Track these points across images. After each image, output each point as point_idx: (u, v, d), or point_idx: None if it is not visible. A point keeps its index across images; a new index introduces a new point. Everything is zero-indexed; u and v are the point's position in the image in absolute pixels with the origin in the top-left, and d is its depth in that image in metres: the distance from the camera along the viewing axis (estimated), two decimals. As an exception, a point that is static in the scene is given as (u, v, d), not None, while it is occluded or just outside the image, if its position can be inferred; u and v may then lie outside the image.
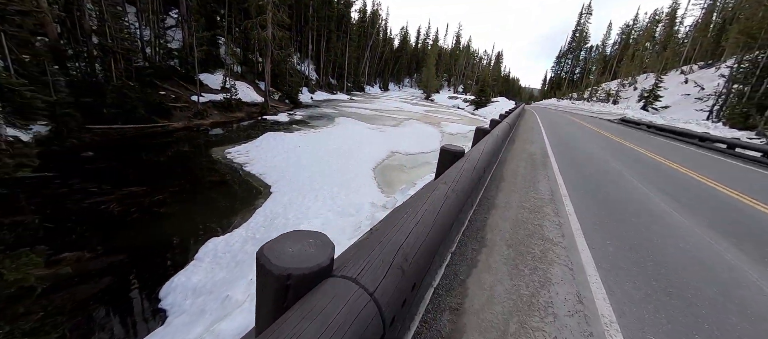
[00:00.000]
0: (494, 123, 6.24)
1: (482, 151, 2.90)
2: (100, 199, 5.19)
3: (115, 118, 9.23)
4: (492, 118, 6.06)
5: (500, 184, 4.03)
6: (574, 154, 6.99)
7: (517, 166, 5.28)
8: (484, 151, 2.98)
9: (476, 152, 2.82)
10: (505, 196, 3.57)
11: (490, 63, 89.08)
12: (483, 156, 2.88)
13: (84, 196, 5.23)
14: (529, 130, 11.19)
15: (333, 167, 9.39)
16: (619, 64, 43.54)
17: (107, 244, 4.13)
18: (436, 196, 1.59)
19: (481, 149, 2.97)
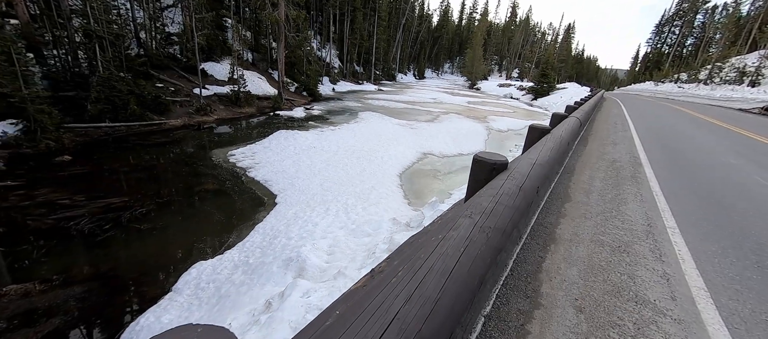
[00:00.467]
0: (557, 118, 5.55)
1: (535, 161, 2.42)
2: (70, 213, 5.45)
3: (102, 115, 10.01)
4: (555, 111, 5.41)
5: (564, 206, 3.44)
6: (686, 161, 5.90)
7: (590, 178, 4.60)
8: (540, 161, 2.49)
9: (526, 163, 2.34)
10: (572, 225, 3.00)
11: (556, 39, 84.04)
12: (537, 168, 2.40)
13: (50, 210, 5.52)
14: (610, 125, 10.05)
15: (351, 172, 9.22)
16: (765, 27, 35.82)
17: (67, 272, 4.19)
18: (452, 245, 1.20)
19: (533, 158, 2.49)
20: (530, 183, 2.20)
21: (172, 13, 19.17)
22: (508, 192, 1.84)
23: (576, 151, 6.24)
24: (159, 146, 9.85)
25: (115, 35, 11.50)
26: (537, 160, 2.57)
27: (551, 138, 3.55)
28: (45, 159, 7.55)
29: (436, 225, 2.88)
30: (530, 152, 2.87)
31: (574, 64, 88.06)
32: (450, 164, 11.56)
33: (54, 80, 9.95)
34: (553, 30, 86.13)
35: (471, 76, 57.78)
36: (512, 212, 1.74)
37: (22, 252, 4.55)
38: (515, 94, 43.60)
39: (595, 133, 8.35)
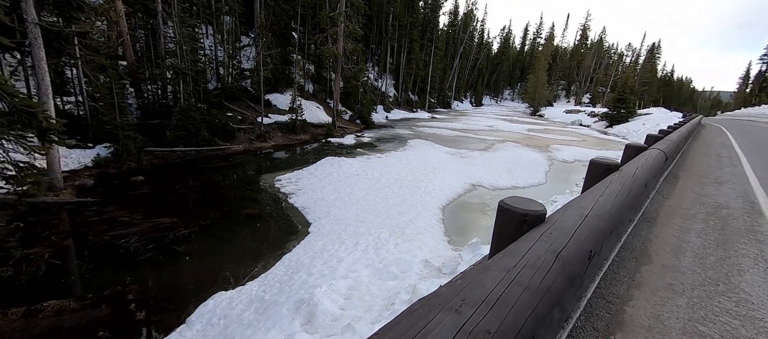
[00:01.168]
0: (632, 151, 4.51)
1: (589, 212, 1.74)
2: (125, 230, 5.95)
3: (177, 140, 11.27)
4: (630, 142, 4.44)
5: (640, 271, 2.54)
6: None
7: (682, 230, 3.51)
8: (596, 211, 1.80)
9: (574, 214, 1.68)
10: (652, 303, 2.13)
11: (636, 60, 75.53)
12: (591, 222, 1.71)
13: (110, 227, 6.08)
14: (712, 159, 8.13)
15: (390, 202, 8.81)
16: None
17: (102, 291, 4.45)
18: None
19: (587, 207, 1.81)
20: (576, 247, 1.50)
21: (249, 51, 21.69)
22: (535, 263, 1.22)
23: (661, 191, 4.99)
24: (218, 169, 10.69)
25: (197, 72, 13.20)
26: (592, 211, 1.86)
27: (619, 177, 2.72)
28: (124, 178, 8.66)
29: (452, 286, 2.28)
30: (585, 198, 2.14)
31: (661, 86, 77.60)
32: (502, 197, 10.45)
33: (145, 110, 11.65)
34: (632, 51, 77.68)
35: (533, 103, 54.43)
36: (537, 299, 1.11)
37: (76, 266, 5.02)
38: (585, 120, 39.58)
39: (689, 169, 6.75)
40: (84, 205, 6.86)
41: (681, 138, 7.63)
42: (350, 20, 18.73)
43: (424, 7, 45.15)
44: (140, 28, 12.98)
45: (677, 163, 7.38)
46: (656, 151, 4.56)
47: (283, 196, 8.75)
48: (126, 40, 11.08)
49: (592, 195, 2.19)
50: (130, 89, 12.00)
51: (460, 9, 61.47)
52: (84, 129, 9.37)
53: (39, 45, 6.24)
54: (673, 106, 69.58)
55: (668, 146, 5.28)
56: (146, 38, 12.72)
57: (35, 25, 6.12)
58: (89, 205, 6.84)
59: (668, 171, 6.41)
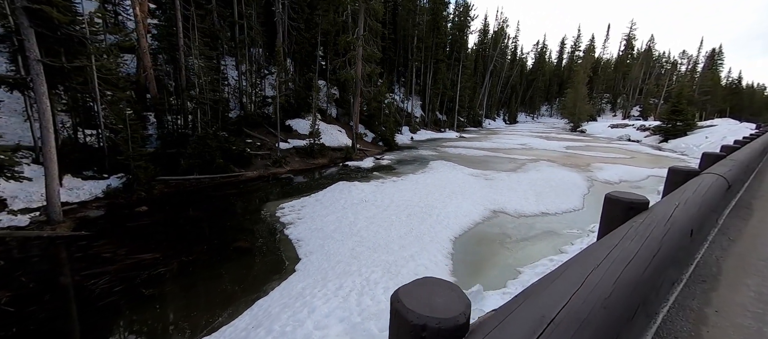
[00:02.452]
0: (676, 178, 3.41)
1: (551, 319, 0.87)
2: (101, 269, 5.70)
3: (192, 168, 11.43)
4: (675, 166, 3.37)
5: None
6: None
7: (758, 299, 2.37)
8: (568, 314, 0.92)
9: (516, 329, 0.83)
10: None
11: (693, 68, 68.64)
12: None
13: (88, 264, 5.86)
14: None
15: (393, 234, 7.98)
16: None
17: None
18: None
19: (553, 306, 0.94)
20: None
21: (273, 78, 22.52)
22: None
23: (726, 230, 3.71)
24: (226, 197, 10.60)
25: (216, 101, 13.63)
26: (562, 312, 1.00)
27: (643, 225, 1.76)
28: (127, 209, 8.76)
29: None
30: (571, 265, 1.26)
31: (726, 95, 69.30)
32: (527, 228, 9.16)
33: (164, 140, 12.10)
34: (688, 58, 70.87)
35: (573, 118, 50.94)
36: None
37: (30, 314, 4.71)
38: (634, 135, 35.95)
39: (766, 196, 5.23)
40: (76, 239, 6.88)
41: (753, 156, 6.06)
42: (368, 43, 18.72)
43: (452, 28, 44.95)
44: (168, 63, 13.81)
45: (749, 187, 5.83)
46: (713, 176, 3.37)
47: (280, 226, 8.29)
48: (150, 74, 11.76)
49: (575, 272, 1.26)
50: (152, 120, 12.60)
51: (489, 27, 60.65)
52: (101, 160, 9.80)
53: (41, 81, 6.56)
54: (744, 116, 61.52)
55: (732, 169, 4.00)
56: (168, 72, 13.46)
57: (37, 61, 6.46)
58: (81, 239, 6.83)
59: (736, 200, 4.99)
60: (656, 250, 1.52)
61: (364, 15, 18.32)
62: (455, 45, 44.59)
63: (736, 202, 4.88)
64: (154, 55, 13.24)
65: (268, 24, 20.11)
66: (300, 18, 20.61)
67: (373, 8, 18.17)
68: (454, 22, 46.03)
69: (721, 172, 3.63)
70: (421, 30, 37.52)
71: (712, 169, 3.72)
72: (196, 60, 11.94)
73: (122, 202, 9.04)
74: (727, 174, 3.67)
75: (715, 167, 3.88)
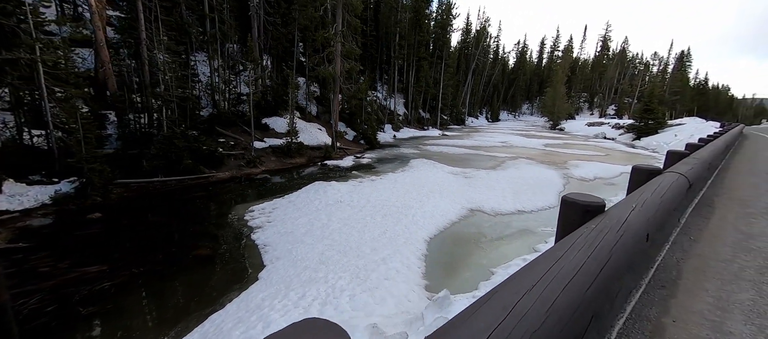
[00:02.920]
0: (640, 175, 3.34)
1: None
2: (34, 286, 5.13)
3: (156, 170, 10.81)
4: (638, 165, 3.27)
5: None
6: None
7: (717, 305, 2.28)
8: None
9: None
10: None
11: (664, 69, 71.82)
12: None
13: (21, 281, 5.25)
14: (760, 178, 6.58)
15: (367, 236, 7.74)
16: None
17: None
18: None
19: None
20: None
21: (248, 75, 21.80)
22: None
23: (687, 230, 3.67)
24: (192, 201, 10.06)
25: (183, 99, 12.96)
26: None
27: (595, 231, 1.60)
28: (78, 216, 8.10)
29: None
30: (503, 287, 1.06)
31: (694, 95, 72.99)
32: (503, 226, 9.12)
33: (125, 140, 11.39)
34: (659, 59, 74.03)
35: (553, 116, 52.18)
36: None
37: None
38: (610, 133, 37.10)
39: (729, 193, 5.29)
40: (12, 251, 6.25)
41: (716, 153, 6.16)
42: (347, 40, 18.36)
43: (434, 26, 45.01)
44: (132, 58, 13.02)
45: (713, 184, 5.92)
46: (674, 176, 3.30)
47: (248, 230, 7.89)
48: (108, 70, 11.01)
49: (504, 297, 1.06)
50: (113, 119, 11.84)
51: (472, 26, 61.23)
52: (51, 163, 9.07)
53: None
54: (710, 115, 64.81)
55: (694, 167, 3.96)
56: (130, 67, 12.70)
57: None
58: (17, 252, 6.22)
59: (699, 198, 5.02)
60: (606, 260, 1.34)
61: (342, 10, 17.93)
62: (438, 43, 44.72)
63: (698, 200, 4.90)
64: (116, 49, 12.44)
65: (243, 18, 19.41)
66: (276, 13, 19.99)
67: (352, 3, 17.82)
68: (436, 21, 46.14)
69: (683, 170, 3.57)
70: (403, 27, 37.35)
71: (674, 168, 3.66)
72: (160, 55, 11.28)
73: (73, 208, 8.37)
74: (688, 173, 3.62)
75: (677, 166, 3.83)
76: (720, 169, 7.59)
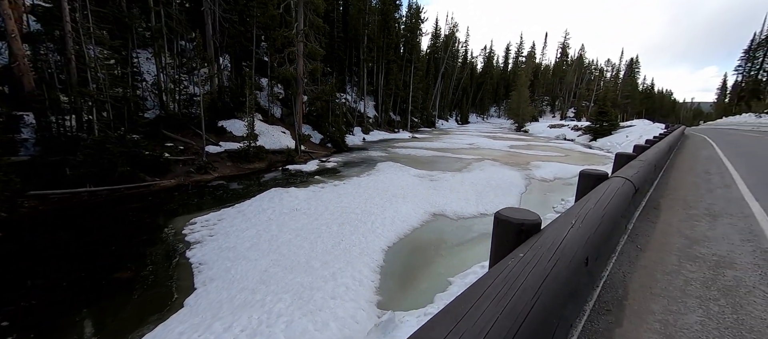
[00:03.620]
0: (589, 182, 3.11)
1: None
2: None
3: (84, 179, 9.59)
4: (585, 169, 2.95)
5: None
6: None
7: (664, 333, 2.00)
8: None
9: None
10: None
11: (617, 75, 77.38)
12: None
13: None
14: (699, 178, 6.76)
15: (319, 247, 7.18)
16: None
17: None
18: None
19: None
20: None
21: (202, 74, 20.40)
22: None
23: (635, 237, 3.49)
24: (124, 213, 8.94)
25: (117, 98, 11.68)
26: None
27: (526, 259, 1.27)
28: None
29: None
30: None
31: (643, 99, 79.27)
32: (465, 230, 8.91)
33: (46, 145, 10.01)
34: (612, 66, 79.57)
35: (518, 119, 54.16)
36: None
37: None
38: (569, 134, 38.94)
39: (674, 193, 5.30)
40: None
41: (661, 154, 6.25)
42: (309, 39, 17.67)
43: (405, 30, 45.12)
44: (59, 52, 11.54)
45: (659, 185, 5.98)
46: (620, 181, 3.09)
47: (184, 246, 7.04)
48: (22, 65, 9.61)
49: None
50: (31, 121, 10.38)
51: (441, 31, 62.26)
52: None
53: None
54: (656, 117, 70.43)
55: (640, 170, 3.81)
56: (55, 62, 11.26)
57: None
58: None
59: (646, 200, 4.97)
60: (534, 298, 1.02)
61: (303, 9, 17.24)
62: (407, 46, 44.89)
63: (645, 202, 4.82)
64: (36, 41, 10.95)
65: (196, 13, 18.11)
66: (233, 9, 18.87)
67: (313, 2, 17.17)
68: (405, 24, 46.35)
69: (629, 175, 3.37)
70: (371, 30, 37.07)
71: (621, 172, 3.46)
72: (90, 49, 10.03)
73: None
74: (634, 177, 3.42)
75: (624, 170, 3.66)
76: (665, 169, 7.83)
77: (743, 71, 53.96)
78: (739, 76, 55.94)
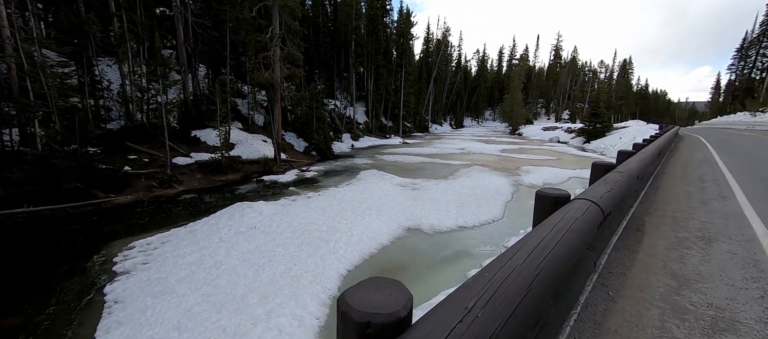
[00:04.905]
0: (546, 205, 2.19)
1: None
2: None
3: (21, 198, 8.63)
4: (541, 189, 1.89)
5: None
6: None
7: None
8: None
9: None
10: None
11: (610, 76, 77.05)
12: None
13: None
14: (692, 187, 5.84)
15: (265, 275, 6.21)
16: None
17: None
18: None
19: None
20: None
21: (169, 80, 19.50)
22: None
23: (606, 277, 2.54)
24: (59, 237, 7.95)
25: (67, 109, 10.75)
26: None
27: None
28: None
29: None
30: None
31: (637, 100, 78.85)
32: (439, 248, 7.96)
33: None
34: (605, 67, 79.30)
35: (511, 122, 53.46)
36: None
37: None
38: (563, 137, 38.17)
39: (662, 208, 4.35)
40: None
41: (647, 161, 5.36)
42: (285, 43, 16.82)
43: (397, 35, 44.44)
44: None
45: (645, 197, 5.07)
46: (584, 204, 2.14)
47: (106, 279, 6.05)
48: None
49: None
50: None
51: (433, 35, 61.76)
52: None
53: None
54: (651, 117, 69.92)
55: (615, 188, 2.89)
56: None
57: None
58: None
59: (629, 216, 4.04)
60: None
61: (278, 11, 16.41)
62: (398, 51, 44.23)
63: (627, 222, 3.85)
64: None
65: (166, 18, 17.27)
66: (206, 14, 18.03)
67: (288, 5, 16.35)
68: (396, 29, 45.75)
69: (596, 196, 2.40)
70: (359, 35, 36.39)
71: (587, 193, 2.57)
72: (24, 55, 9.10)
73: None
74: (602, 199, 2.48)
75: (594, 188, 2.76)
76: (655, 176, 6.91)
77: (736, 70, 53.68)
78: (732, 75, 55.67)
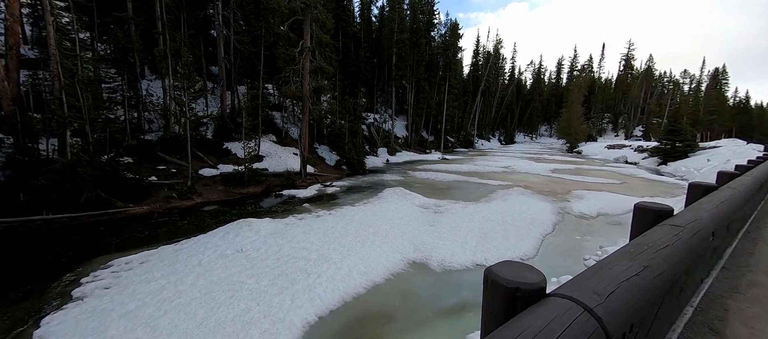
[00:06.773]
0: None
1: None
2: None
3: (42, 205, 8.94)
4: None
5: None
6: None
7: None
8: None
9: None
10: None
11: (697, 87, 65.51)
12: None
13: None
14: None
15: (215, 318, 5.18)
16: None
17: None
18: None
19: None
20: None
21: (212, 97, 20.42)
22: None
23: None
24: (51, 248, 7.91)
25: (93, 121, 11.29)
26: None
27: None
28: None
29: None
30: None
31: (734, 114, 65.70)
32: (442, 292, 6.27)
33: (17, 169, 9.70)
34: (690, 78, 67.98)
35: (569, 138, 47.94)
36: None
37: None
38: (631, 157, 32.70)
39: (754, 288, 2.24)
40: None
41: (736, 206, 3.16)
42: (315, 56, 16.52)
43: (443, 47, 43.06)
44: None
45: (734, 256, 2.94)
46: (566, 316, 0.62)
47: (59, 303, 5.54)
48: (2, 87, 9.55)
49: None
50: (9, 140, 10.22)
51: (483, 47, 59.03)
52: None
53: None
54: (754, 136, 57.63)
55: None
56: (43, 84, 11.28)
57: None
58: None
59: (705, 290, 2.12)
60: None
61: (309, 25, 16.23)
62: (443, 63, 42.62)
63: (699, 300, 2.04)
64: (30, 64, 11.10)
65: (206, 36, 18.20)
66: (247, 32, 18.68)
67: (319, 18, 16.08)
68: (440, 41, 44.38)
69: (589, 294, 0.86)
70: (402, 48, 35.73)
71: (565, 288, 1.01)
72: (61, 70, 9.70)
73: None
74: (604, 305, 0.90)
75: (578, 282, 1.18)
76: (751, 225, 4.22)
77: None
78: None
